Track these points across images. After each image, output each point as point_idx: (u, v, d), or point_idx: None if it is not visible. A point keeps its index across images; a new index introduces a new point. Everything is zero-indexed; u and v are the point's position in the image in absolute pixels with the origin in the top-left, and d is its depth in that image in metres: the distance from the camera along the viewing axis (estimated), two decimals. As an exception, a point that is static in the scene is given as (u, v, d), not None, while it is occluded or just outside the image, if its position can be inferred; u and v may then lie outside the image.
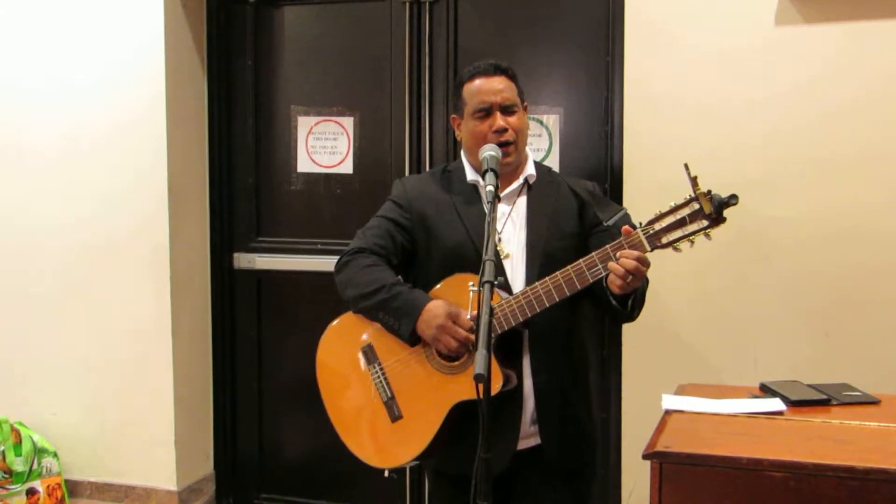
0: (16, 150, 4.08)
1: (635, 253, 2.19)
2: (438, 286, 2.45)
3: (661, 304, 2.35)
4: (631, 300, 2.35)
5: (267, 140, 4.10)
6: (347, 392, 2.55)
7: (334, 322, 2.61)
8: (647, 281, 2.38)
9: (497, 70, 2.51)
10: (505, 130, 2.45)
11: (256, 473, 4.23)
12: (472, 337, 2.30)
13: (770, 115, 3.21)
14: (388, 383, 2.48)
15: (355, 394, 2.53)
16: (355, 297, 2.50)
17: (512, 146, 2.45)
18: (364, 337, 2.53)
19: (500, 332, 2.32)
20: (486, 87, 2.48)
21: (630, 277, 2.19)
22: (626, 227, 2.24)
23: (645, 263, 2.20)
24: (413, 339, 2.41)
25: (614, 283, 2.23)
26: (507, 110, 2.47)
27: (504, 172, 2.42)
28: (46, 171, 4.05)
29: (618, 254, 2.21)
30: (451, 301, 2.38)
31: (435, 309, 2.36)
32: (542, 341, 2.44)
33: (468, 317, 2.32)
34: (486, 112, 2.47)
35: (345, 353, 2.56)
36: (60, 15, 3.98)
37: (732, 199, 2.14)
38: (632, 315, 2.40)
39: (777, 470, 1.89)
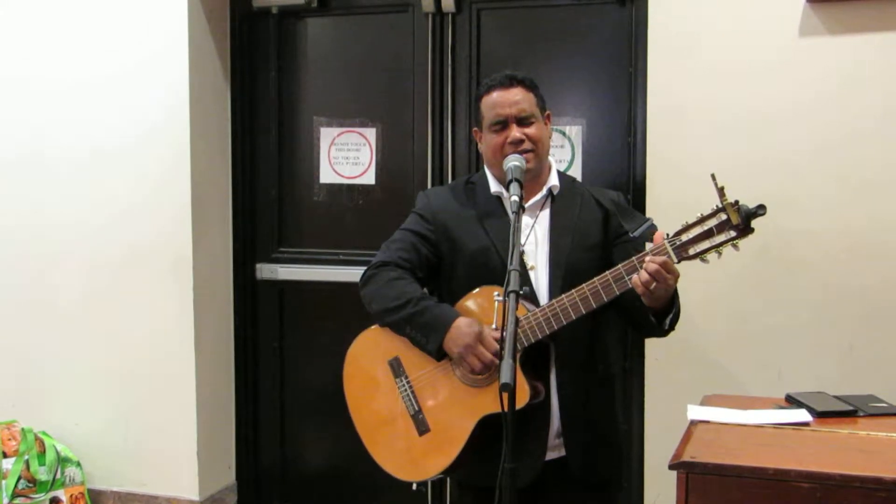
0: (39, 159, 4.09)
1: (659, 258, 2.17)
2: (464, 299, 2.45)
3: (684, 315, 2.34)
4: (669, 318, 2.32)
5: (289, 151, 4.11)
6: (374, 405, 2.55)
7: (361, 335, 2.61)
8: (678, 297, 2.36)
9: (513, 81, 2.49)
10: (521, 141, 2.44)
11: (279, 483, 4.23)
12: (497, 360, 2.28)
13: (795, 128, 3.18)
14: (414, 396, 2.48)
15: (382, 407, 2.53)
16: (381, 310, 2.50)
17: (531, 154, 2.43)
18: (391, 350, 2.53)
19: (526, 344, 2.31)
20: (502, 100, 2.47)
21: (653, 284, 2.17)
22: (655, 234, 2.22)
23: (670, 271, 2.18)
24: (440, 355, 2.41)
25: (638, 290, 2.21)
26: (523, 122, 2.46)
27: (525, 181, 2.38)
28: (68, 181, 4.06)
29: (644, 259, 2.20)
30: (478, 313, 2.39)
31: (463, 327, 2.35)
32: (568, 353, 2.43)
33: (493, 328, 2.32)
34: (502, 125, 2.47)
35: (372, 366, 2.56)
36: (83, 24, 3.99)
37: (760, 210, 2.13)
38: (666, 331, 2.37)
39: (804, 481, 1.88)
